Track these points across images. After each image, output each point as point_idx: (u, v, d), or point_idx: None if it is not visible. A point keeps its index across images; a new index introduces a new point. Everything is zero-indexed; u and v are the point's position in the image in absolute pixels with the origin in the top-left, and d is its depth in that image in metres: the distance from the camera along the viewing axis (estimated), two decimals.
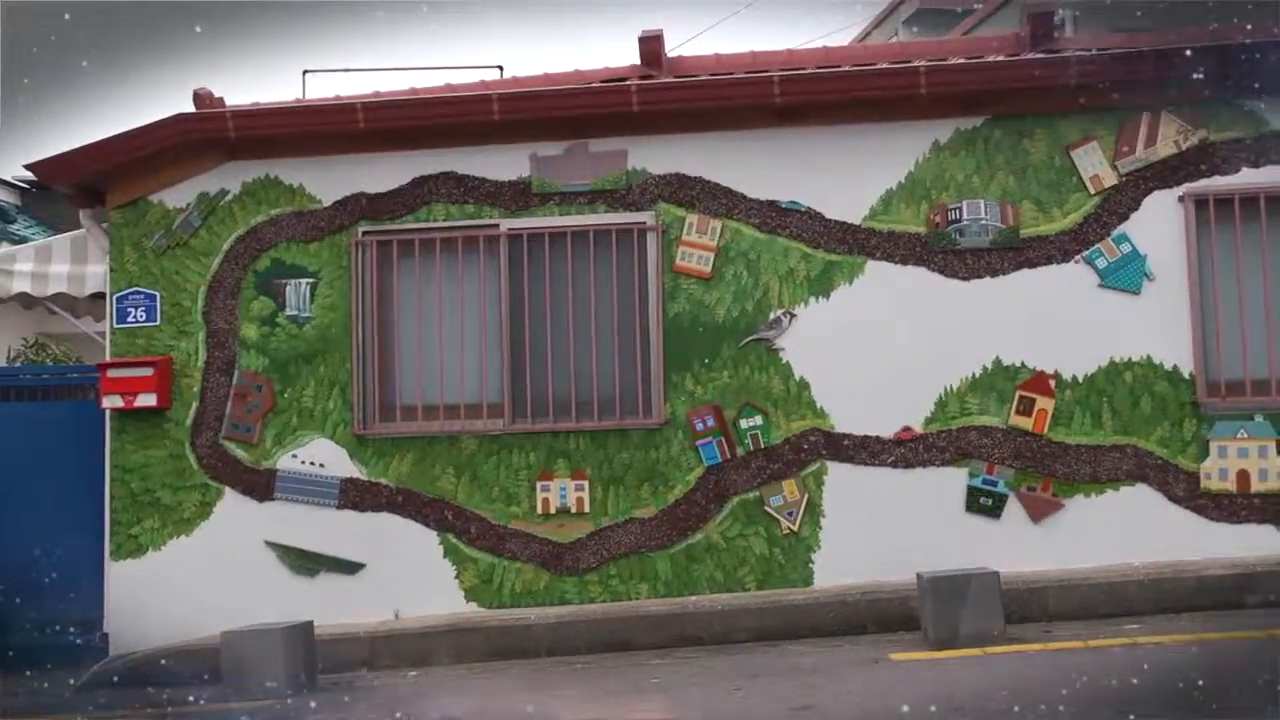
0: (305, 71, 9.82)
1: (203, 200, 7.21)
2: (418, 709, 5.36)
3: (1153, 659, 5.14)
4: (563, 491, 6.85)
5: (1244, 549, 6.40)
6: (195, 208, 7.21)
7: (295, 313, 7.13)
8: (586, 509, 6.84)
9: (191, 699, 5.78)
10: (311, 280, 7.13)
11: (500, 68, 9.52)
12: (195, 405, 7.12)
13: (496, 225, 7.05)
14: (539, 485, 6.87)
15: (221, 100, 7.35)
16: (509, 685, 5.76)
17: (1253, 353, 6.57)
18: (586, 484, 6.85)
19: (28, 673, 6.85)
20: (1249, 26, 6.87)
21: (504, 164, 7.06)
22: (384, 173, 7.14)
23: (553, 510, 6.85)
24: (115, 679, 6.45)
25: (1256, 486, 6.48)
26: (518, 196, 7.06)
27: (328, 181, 7.17)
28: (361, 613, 6.79)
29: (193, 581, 6.90)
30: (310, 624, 6.07)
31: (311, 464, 7.02)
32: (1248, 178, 6.64)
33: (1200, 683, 4.61)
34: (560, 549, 6.83)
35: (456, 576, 6.88)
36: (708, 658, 6.00)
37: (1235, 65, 6.52)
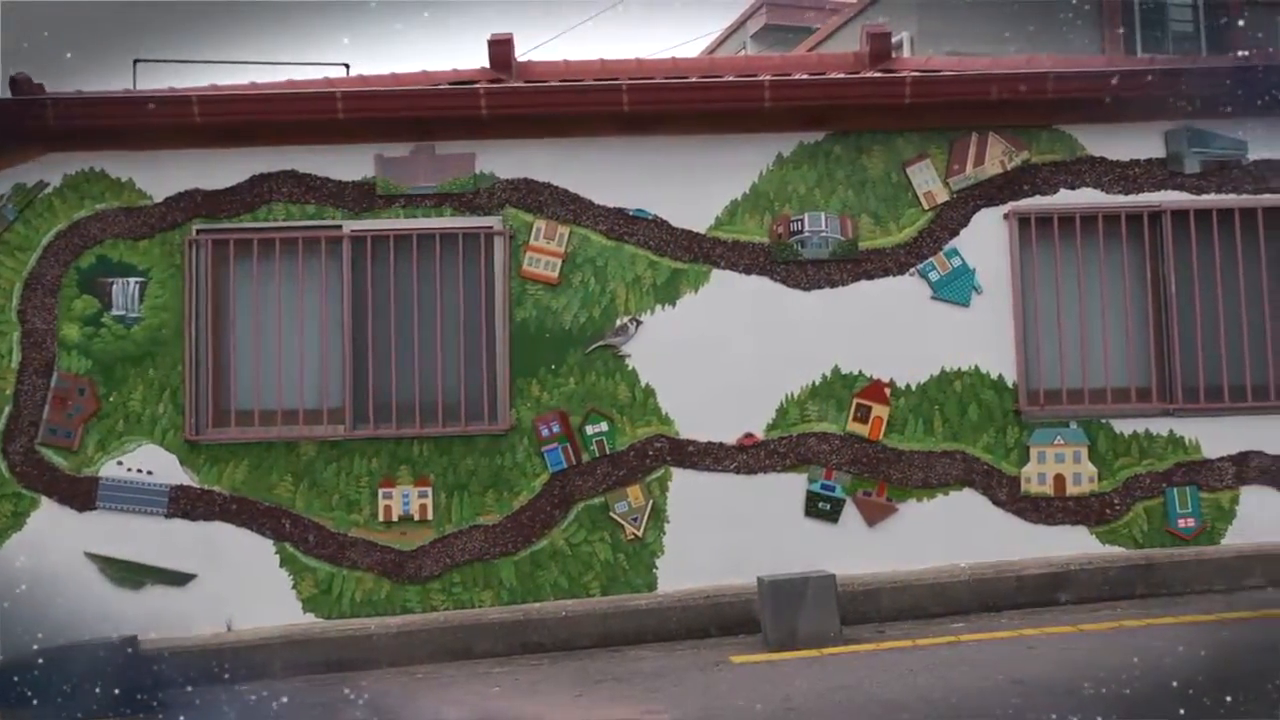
0: (136, 61, 9.33)
1: (19, 192, 6.81)
2: None
3: (975, 656, 5.39)
4: (405, 498, 6.73)
5: (1059, 549, 6.78)
6: (10, 200, 6.80)
7: (123, 313, 6.80)
8: (430, 516, 6.74)
9: None
10: (141, 279, 6.82)
11: (346, 65, 9.31)
12: (8, 409, 6.70)
13: (339, 226, 6.89)
14: (381, 492, 6.73)
15: (41, 86, 6.96)
16: (341, 698, 5.62)
17: (1068, 364, 6.96)
18: (430, 490, 6.76)
19: None
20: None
21: (347, 164, 6.90)
22: (221, 169, 6.88)
23: (395, 517, 6.72)
24: None
25: (1071, 490, 6.87)
26: (362, 198, 6.91)
27: (160, 176, 6.86)
28: (192, 626, 6.51)
29: (3, 597, 6.48)
30: (134, 638, 5.80)
31: (139, 471, 6.70)
32: (1065, 198, 7.04)
33: (1017, 677, 4.86)
34: (402, 557, 6.71)
35: (294, 586, 6.67)
36: (551, 664, 5.99)
37: (1053, 91, 6.90)
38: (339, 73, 9.10)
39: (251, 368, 6.85)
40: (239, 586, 6.63)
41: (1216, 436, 6.91)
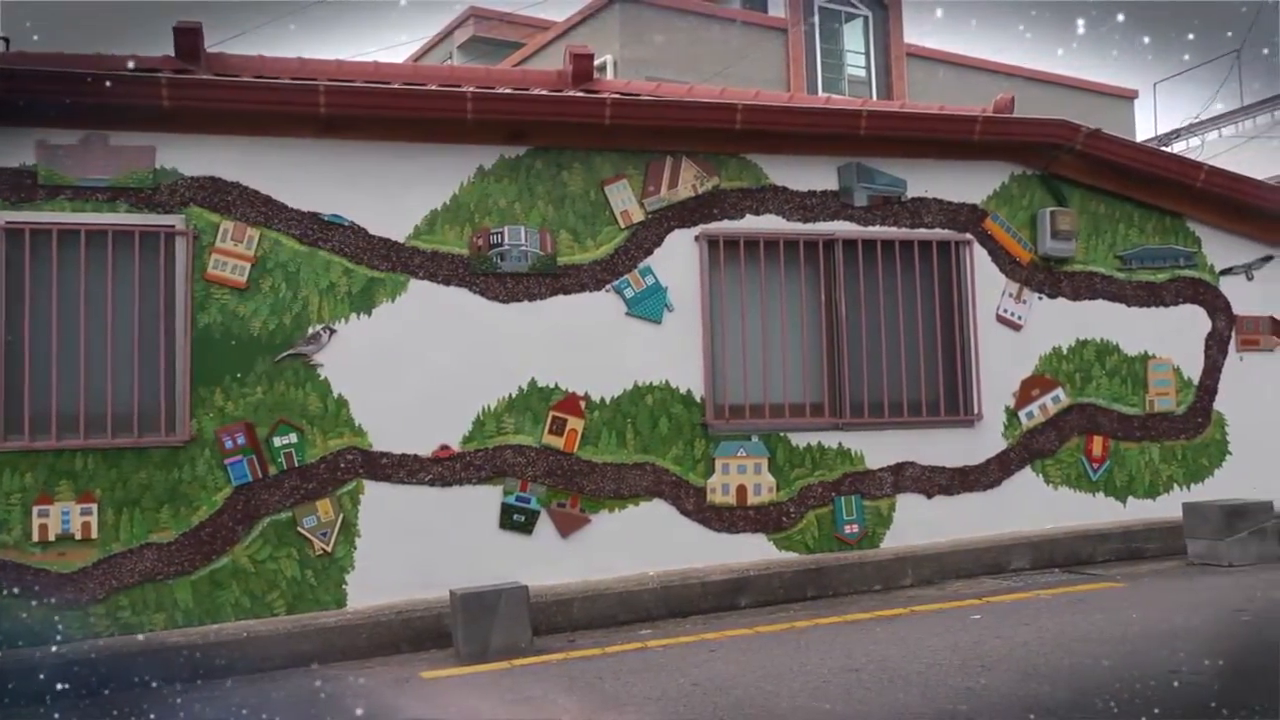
0: None
1: None
2: None
3: (660, 660, 5.60)
4: (65, 516, 6.16)
5: (740, 556, 7.18)
6: None
7: None
8: (94, 534, 6.20)
9: None
10: None
11: (6, 39, 8.43)
12: None
13: None
14: (36, 510, 6.12)
15: None
16: None
17: (751, 380, 7.39)
18: (95, 507, 6.22)
19: None
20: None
21: (2, 149, 6.26)
22: None
23: (52, 537, 6.13)
24: None
25: (751, 500, 7.28)
26: (19, 186, 6.29)
27: None
28: None
29: None
30: None
31: None
32: (751, 223, 7.48)
33: (696, 680, 5.09)
34: (60, 580, 6.13)
35: None
36: (232, 689, 5.67)
37: (741, 122, 7.31)
38: None
39: None
40: None
41: (878, 449, 7.57)
